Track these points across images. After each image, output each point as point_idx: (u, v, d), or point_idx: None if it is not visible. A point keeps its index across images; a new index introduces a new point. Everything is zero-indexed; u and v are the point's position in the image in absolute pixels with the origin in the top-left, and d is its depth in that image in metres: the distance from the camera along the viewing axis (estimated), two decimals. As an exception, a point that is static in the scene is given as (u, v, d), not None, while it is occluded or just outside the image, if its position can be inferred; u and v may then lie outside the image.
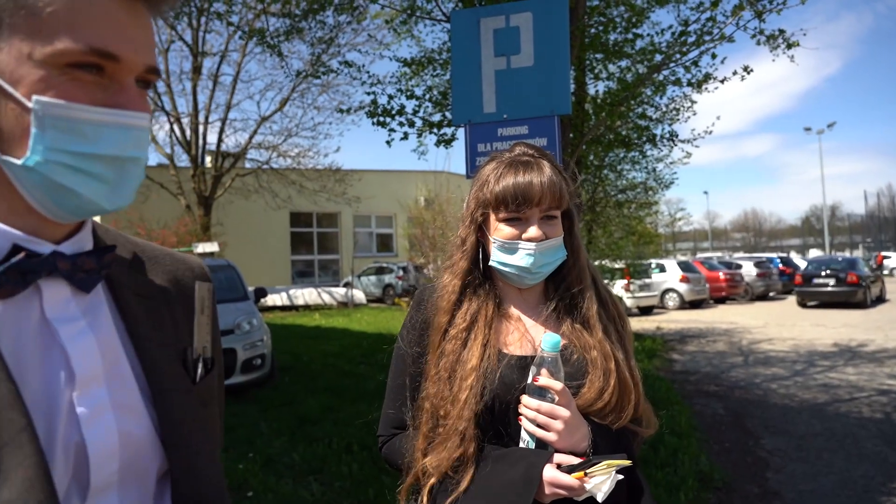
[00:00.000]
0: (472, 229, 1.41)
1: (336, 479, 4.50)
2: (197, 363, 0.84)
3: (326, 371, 8.72)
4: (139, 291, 0.82)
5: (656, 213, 15.35)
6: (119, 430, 0.71)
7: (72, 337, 0.70)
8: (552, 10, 3.13)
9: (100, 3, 0.65)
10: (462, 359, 1.33)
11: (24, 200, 0.68)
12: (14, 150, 0.65)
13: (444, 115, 6.21)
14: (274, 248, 23.34)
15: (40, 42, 0.63)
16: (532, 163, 1.37)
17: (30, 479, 0.61)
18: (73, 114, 0.64)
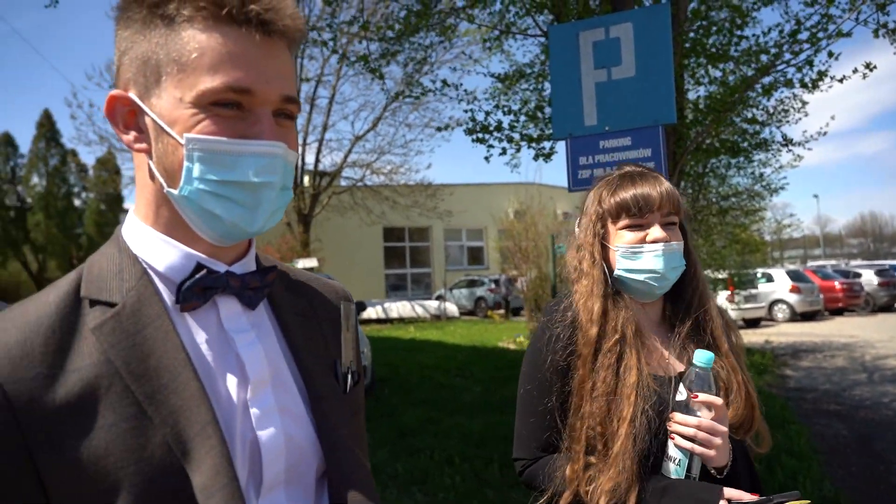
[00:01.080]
0: (597, 242, 1.41)
1: (439, 490, 4.56)
2: (346, 375, 0.91)
3: (423, 383, 8.86)
4: (295, 310, 0.90)
5: (761, 219, 14.52)
6: (284, 432, 0.79)
7: (245, 345, 0.79)
8: (654, 20, 3.08)
9: (233, 45, 0.72)
10: (621, 377, 1.30)
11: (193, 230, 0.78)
12: (175, 182, 0.75)
13: (542, 129, 6.20)
14: (368, 263, 24.04)
15: (188, 87, 0.72)
16: (646, 174, 1.40)
17: (216, 466, 0.69)
18: (213, 146, 0.72)
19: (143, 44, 0.74)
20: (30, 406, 0.66)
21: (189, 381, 0.72)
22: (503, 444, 5.52)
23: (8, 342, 0.68)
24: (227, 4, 0.72)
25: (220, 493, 0.68)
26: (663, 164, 3.04)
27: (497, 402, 7.47)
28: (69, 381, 0.68)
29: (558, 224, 17.32)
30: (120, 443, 0.67)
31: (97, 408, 0.68)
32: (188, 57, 0.72)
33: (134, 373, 0.70)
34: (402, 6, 6.13)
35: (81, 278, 0.76)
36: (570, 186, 3.26)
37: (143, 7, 0.74)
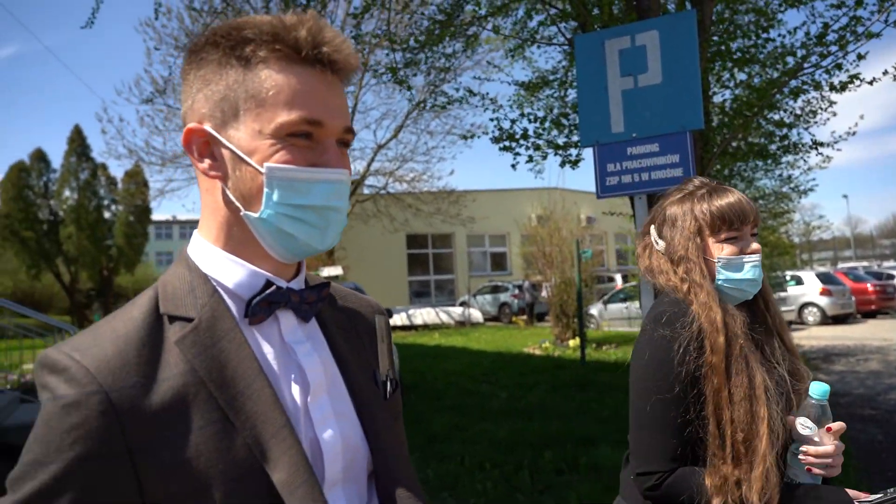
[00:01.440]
0: (700, 254, 1.48)
1: (470, 495, 4.59)
2: (385, 383, 0.98)
3: (450, 389, 8.90)
4: (337, 323, 0.98)
5: (789, 221, 14.28)
6: (341, 434, 0.86)
7: (304, 355, 0.87)
8: (680, 27, 3.10)
9: (305, 82, 0.80)
10: (754, 380, 1.37)
11: (261, 248, 0.85)
12: (252, 206, 0.82)
13: (569, 136, 6.22)
14: (392, 270, 24.18)
15: (266, 120, 0.79)
16: (725, 187, 1.50)
17: (295, 464, 0.77)
18: (291, 174, 0.80)
19: (220, 82, 0.81)
20: (131, 412, 0.72)
21: (263, 388, 0.79)
22: (532, 450, 5.53)
23: (107, 354, 0.74)
24: (303, 48, 0.80)
25: (302, 488, 0.76)
26: (691, 170, 3.06)
27: (524, 409, 7.48)
28: (161, 389, 0.74)
29: (582, 229, 17.26)
30: (209, 445, 0.74)
31: (188, 413, 0.74)
32: (266, 94, 0.79)
33: (215, 381, 0.77)
34: (426, 16, 6.21)
35: (157, 296, 0.83)
36: (599, 193, 3.29)
37: (218, 49, 0.81)
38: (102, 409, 0.70)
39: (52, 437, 0.70)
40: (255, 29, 0.80)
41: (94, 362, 0.72)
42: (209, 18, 8.40)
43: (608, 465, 4.90)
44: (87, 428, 0.69)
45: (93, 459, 0.70)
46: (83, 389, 0.70)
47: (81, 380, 0.71)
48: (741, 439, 1.33)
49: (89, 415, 0.70)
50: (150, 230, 37.82)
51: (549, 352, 13.01)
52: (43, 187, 32.01)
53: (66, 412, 0.70)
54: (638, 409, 1.42)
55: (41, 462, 0.70)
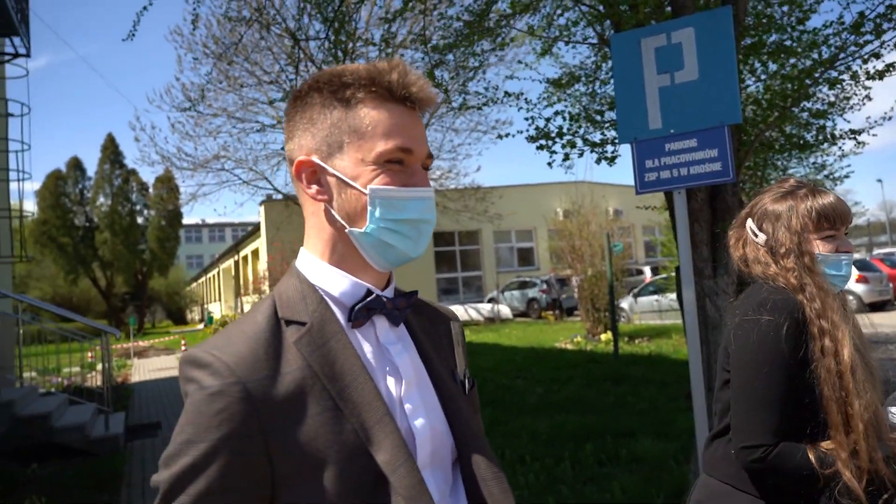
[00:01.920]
0: (801, 246, 1.60)
1: (514, 488, 4.66)
2: (464, 381, 1.10)
3: (485, 386, 8.99)
4: (422, 328, 1.10)
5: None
6: (429, 423, 0.98)
7: (397, 354, 1.00)
8: (716, 24, 3.14)
9: (397, 117, 0.95)
10: (862, 361, 1.51)
11: (363, 260, 0.99)
12: (357, 223, 0.96)
13: (604, 133, 6.25)
14: (419, 268, 24.32)
15: (367, 150, 0.94)
16: (823, 188, 1.64)
17: (396, 447, 0.89)
18: (390, 194, 0.94)
19: (325, 121, 0.96)
20: (264, 399, 0.85)
21: (366, 381, 0.92)
22: (572, 443, 5.59)
23: (242, 351, 0.88)
24: (395, 89, 0.95)
25: (403, 467, 0.88)
26: (730, 164, 3.10)
27: (560, 402, 7.54)
28: (286, 381, 0.88)
29: (611, 222, 17.17)
30: (324, 429, 0.87)
31: (306, 401, 0.88)
32: (365, 128, 0.94)
33: (327, 375, 0.90)
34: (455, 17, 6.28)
35: (275, 304, 0.97)
36: (638, 189, 3.34)
37: (322, 93, 0.97)
38: (241, 397, 0.84)
39: (201, 421, 0.84)
40: (354, 75, 0.95)
41: (231, 358, 0.86)
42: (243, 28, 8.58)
43: (648, 457, 4.94)
44: (230, 412, 0.83)
45: (235, 438, 0.83)
46: (225, 381, 0.84)
47: (223, 373, 0.85)
48: (859, 413, 1.45)
49: (231, 401, 0.84)
50: (181, 234, 38.52)
51: (581, 346, 13.02)
52: (79, 194, 32.91)
53: (211, 399, 0.84)
54: (744, 387, 1.54)
55: (192, 441, 0.83)
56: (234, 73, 15.22)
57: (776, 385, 1.50)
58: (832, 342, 1.49)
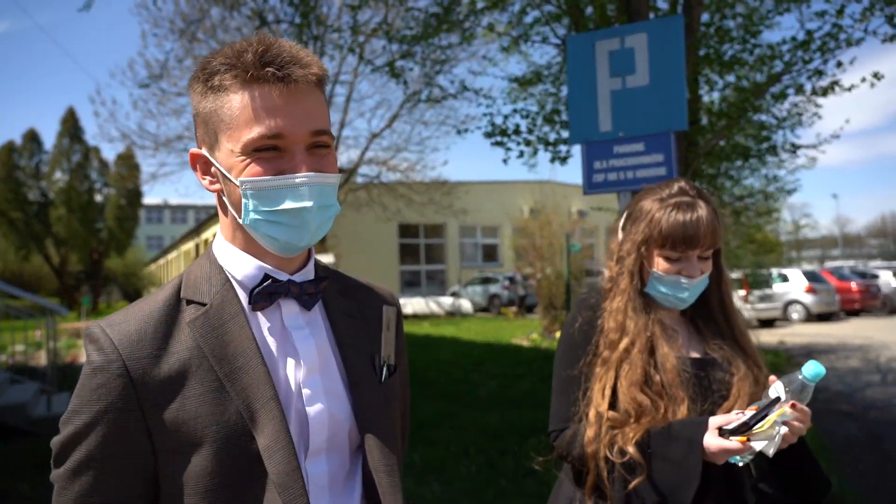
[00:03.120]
0: (636, 258, 1.57)
1: (455, 479, 4.73)
2: (382, 367, 1.09)
3: (440, 378, 9.04)
4: (345, 311, 1.10)
5: (777, 220, 14.49)
6: (328, 409, 0.98)
7: (300, 339, 1.00)
8: (667, 30, 3.22)
9: (263, 99, 0.90)
10: (659, 364, 1.49)
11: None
12: (241, 214, 0.95)
13: (559, 133, 6.33)
14: (383, 259, 24.26)
15: (235, 140, 0.92)
16: (695, 204, 1.51)
17: (277, 432, 0.91)
18: (258, 184, 0.91)
19: (203, 111, 0.96)
20: (142, 377, 0.89)
21: (257, 365, 0.93)
22: (518, 437, 5.68)
23: (129, 330, 0.92)
24: (249, 69, 0.90)
25: (280, 453, 0.90)
26: (674, 170, 3.18)
27: (513, 397, 7.63)
28: (170, 361, 0.91)
29: (573, 222, 17.40)
30: (205, 409, 0.90)
31: (189, 381, 0.91)
32: (231, 116, 0.92)
33: (217, 356, 0.93)
34: (422, 10, 6.28)
35: (182, 283, 0.99)
36: (586, 190, 3.41)
37: (200, 81, 0.95)
38: (119, 374, 0.89)
39: (84, 393, 0.90)
40: (219, 59, 0.93)
41: (118, 336, 0.91)
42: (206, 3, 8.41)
43: (590, 453, 5.04)
44: (108, 387, 0.88)
45: (112, 411, 0.88)
46: (107, 357, 0.89)
47: (107, 349, 0.90)
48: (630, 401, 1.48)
49: (110, 377, 0.89)
50: (142, 214, 37.62)
51: (537, 343, 13.18)
52: (34, 168, 31.79)
53: (93, 374, 0.89)
54: (553, 376, 1.64)
55: (76, 411, 0.90)
56: (200, 52, 14.90)
57: (562, 375, 1.59)
58: (615, 354, 1.52)
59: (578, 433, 1.53)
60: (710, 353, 1.55)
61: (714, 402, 1.49)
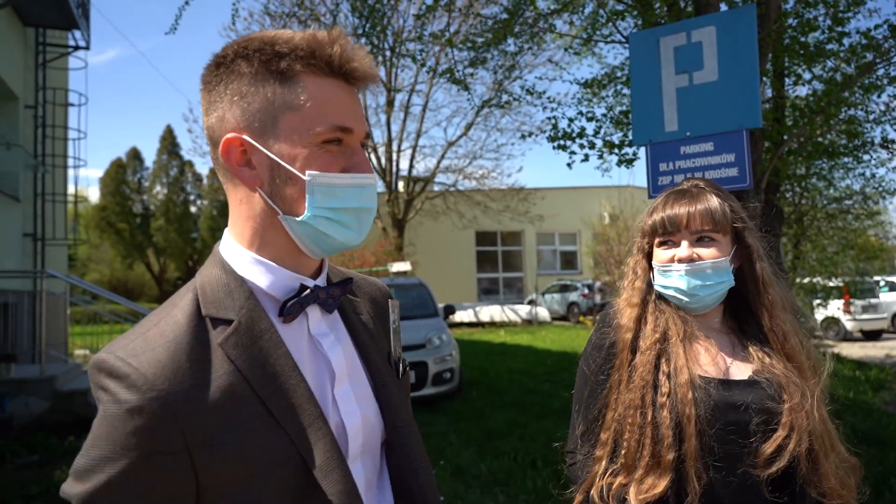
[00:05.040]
0: (641, 256, 1.49)
1: (521, 492, 4.63)
2: (398, 363, 1.08)
3: (512, 387, 8.92)
4: (355, 310, 1.06)
5: (882, 223, 13.34)
6: (361, 414, 0.96)
7: (329, 347, 0.96)
8: (738, 22, 3.02)
9: (334, 93, 0.88)
10: (672, 378, 1.35)
11: (294, 245, 0.92)
12: (293, 210, 0.89)
13: (626, 134, 6.12)
14: (460, 267, 24.33)
15: (304, 129, 0.86)
16: (691, 192, 1.43)
17: (328, 451, 0.86)
18: (329, 180, 0.87)
19: (257, 94, 0.87)
20: (188, 412, 0.79)
21: (299, 382, 0.88)
22: (588, 451, 5.49)
23: (161, 360, 0.80)
24: (334, 62, 0.87)
25: (336, 472, 0.86)
26: (747, 169, 2.97)
27: (585, 409, 7.41)
28: (212, 389, 0.81)
29: (654, 228, 16.77)
30: (254, 436, 0.82)
31: (235, 409, 0.82)
32: (303, 104, 0.86)
33: (257, 378, 0.84)
34: (489, 17, 6.26)
35: (197, 298, 0.89)
36: (650, 193, 3.25)
37: (252, 63, 0.87)
38: (162, 413, 0.77)
39: (118, 437, 0.77)
40: (289, 44, 0.86)
41: (150, 368, 0.79)
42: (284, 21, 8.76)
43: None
44: (150, 429, 0.77)
45: (156, 455, 0.78)
46: (144, 395, 0.77)
47: (142, 386, 0.78)
48: (626, 427, 1.37)
49: (151, 418, 0.77)
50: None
51: (615, 353, 12.77)
52: (137, 183, 34.27)
53: (130, 416, 0.77)
54: (573, 395, 1.56)
55: (109, 458, 0.77)
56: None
57: (578, 399, 1.51)
58: (620, 361, 1.43)
59: (586, 464, 1.46)
60: (755, 374, 1.38)
61: (754, 430, 1.31)
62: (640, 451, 1.35)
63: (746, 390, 1.35)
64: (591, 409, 1.47)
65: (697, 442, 1.29)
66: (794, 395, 1.33)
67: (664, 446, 1.32)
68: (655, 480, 1.32)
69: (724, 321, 1.49)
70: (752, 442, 1.31)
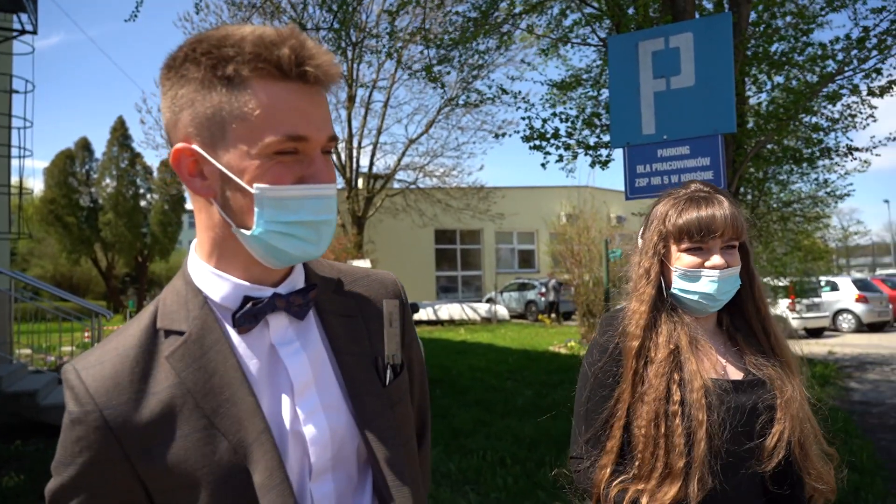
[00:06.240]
0: (656, 260, 1.47)
1: (491, 490, 4.64)
2: (386, 369, 1.00)
3: (475, 385, 8.96)
4: (340, 311, 1.00)
5: (826, 226, 13.95)
6: (329, 426, 0.91)
7: (290, 355, 0.91)
8: (715, 29, 3.10)
9: (289, 99, 0.81)
10: (685, 385, 1.36)
11: (251, 257, 0.88)
12: (245, 223, 0.84)
13: (599, 136, 6.21)
14: (420, 265, 24.30)
15: (253, 140, 0.80)
16: (710, 197, 1.44)
17: (271, 468, 0.83)
18: (280, 193, 0.82)
19: (205, 101, 0.81)
20: (123, 425, 0.82)
21: (245, 395, 0.85)
22: (555, 448, 5.55)
23: (104, 374, 0.84)
24: (285, 65, 0.80)
25: (275, 490, 0.83)
26: (722, 174, 3.06)
27: (549, 406, 7.49)
28: (151, 403, 0.83)
29: (612, 228, 17.12)
30: (195, 449, 0.82)
31: (175, 422, 0.83)
32: (251, 113, 0.80)
33: (201, 391, 0.84)
34: (460, 14, 6.25)
35: (157, 311, 0.89)
36: (628, 195, 3.31)
37: (200, 67, 0.81)
38: (97, 425, 0.82)
39: (67, 444, 0.83)
40: (236, 47, 0.80)
41: (94, 382, 0.83)
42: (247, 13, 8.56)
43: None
44: (88, 440, 0.82)
45: (97, 464, 0.82)
46: (83, 408, 0.82)
47: (82, 399, 0.83)
48: (642, 438, 1.37)
49: (89, 429, 0.82)
50: (184, 219, 38.54)
51: (574, 351, 12.97)
52: (85, 175, 32.96)
53: (72, 426, 0.83)
54: (575, 401, 1.56)
55: (63, 462, 0.84)
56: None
57: (581, 404, 1.51)
58: (629, 366, 1.42)
59: (591, 472, 1.45)
60: (754, 372, 1.42)
61: (759, 428, 1.36)
62: (654, 462, 1.36)
63: (751, 390, 1.39)
64: (596, 414, 1.46)
65: (707, 447, 1.31)
66: (786, 390, 1.38)
67: (676, 454, 1.33)
68: (668, 488, 1.33)
69: (716, 324, 1.52)
70: (756, 441, 1.35)
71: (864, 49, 4.66)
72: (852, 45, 4.77)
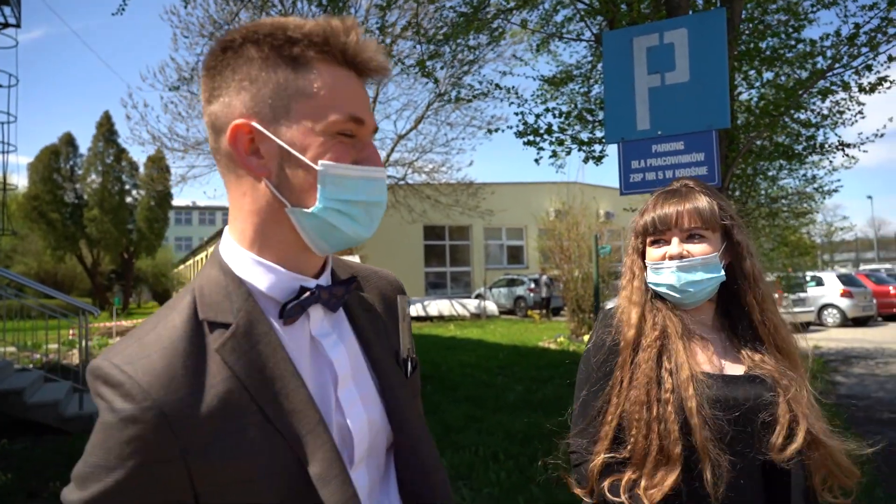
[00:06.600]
0: (636, 256, 1.53)
1: (484, 485, 4.65)
2: (406, 362, 1.04)
3: (465, 381, 8.96)
4: (362, 306, 1.03)
5: (812, 222, 14.10)
6: (367, 417, 0.92)
7: (331, 347, 0.92)
8: (709, 25, 3.10)
9: (348, 83, 0.86)
10: (674, 374, 1.38)
11: (299, 242, 0.88)
12: (303, 201, 0.85)
13: (593, 132, 6.22)
14: (409, 261, 24.28)
15: (318, 118, 0.83)
16: (681, 191, 1.47)
17: (329, 459, 0.83)
18: (342, 172, 0.84)
19: (269, 79, 0.83)
20: (182, 421, 0.77)
21: (298, 387, 0.84)
22: (547, 443, 5.57)
23: (156, 368, 0.78)
24: (349, 52, 0.85)
25: (335, 481, 0.82)
26: (716, 169, 3.07)
27: (539, 401, 7.52)
28: (208, 397, 0.79)
29: (601, 224, 17.19)
30: (252, 443, 0.80)
31: (233, 416, 0.80)
32: (318, 92, 0.83)
33: (254, 384, 0.82)
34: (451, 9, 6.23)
35: (195, 301, 0.86)
36: (622, 190, 3.31)
37: (263, 47, 0.83)
38: (157, 423, 0.76)
39: (113, 446, 0.76)
40: (301, 31, 0.83)
41: (145, 377, 0.77)
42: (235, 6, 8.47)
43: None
44: (144, 439, 0.76)
45: (150, 465, 0.77)
46: (139, 405, 0.76)
47: (136, 395, 0.76)
48: (633, 422, 1.39)
49: (146, 427, 0.76)
50: (171, 215, 38.23)
51: (564, 346, 13.03)
52: (70, 170, 32.54)
53: (124, 425, 0.76)
54: (575, 396, 1.58)
55: (105, 467, 0.77)
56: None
57: (578, 391, 1.54)
58: (624, 357, 1.45)
59: (585, 468, 1.47)
60: (753, 368, 1.42)
61: (759, 425, 1.35)
62: (647, 446, 1.36)
63: (745, 386, 1.38)
64: (592, 407, 1.48)
65: (708, 432, 1.31)
66: (790, 387, 1.37)
67: (671, 441, 1.34)
68: (665, 474, 1.34)
69: (715, 319, 1.52)
70: (757, 435, 1.34)
71: (854, 45, 4.71)
72: (842, 42, 4.82)
